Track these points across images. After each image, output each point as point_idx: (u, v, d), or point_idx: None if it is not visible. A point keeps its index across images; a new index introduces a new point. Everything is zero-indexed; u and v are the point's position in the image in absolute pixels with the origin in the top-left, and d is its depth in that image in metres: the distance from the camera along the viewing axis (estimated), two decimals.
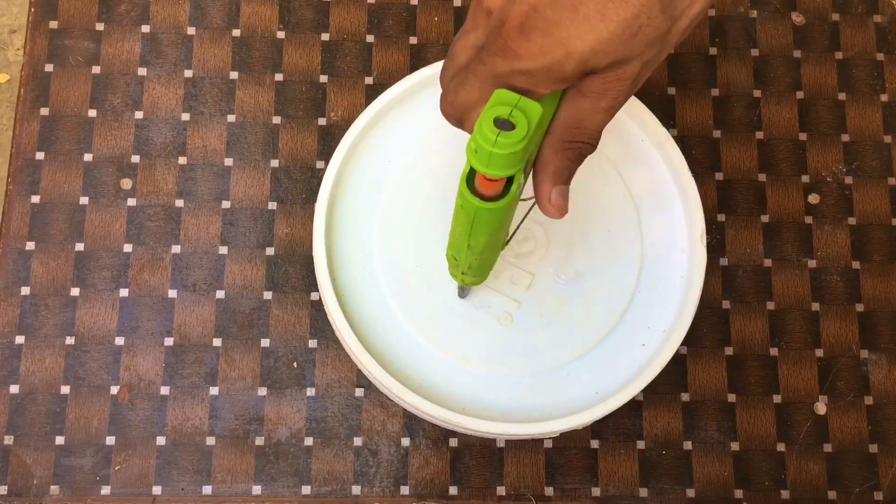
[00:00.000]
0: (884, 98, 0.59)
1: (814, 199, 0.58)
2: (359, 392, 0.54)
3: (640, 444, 0.54)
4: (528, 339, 0.51)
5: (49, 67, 0.57)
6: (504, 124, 0.33)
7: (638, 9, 0.32)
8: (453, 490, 0.53)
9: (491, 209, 0.37)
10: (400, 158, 0.53)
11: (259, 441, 0.53)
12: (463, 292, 0.51)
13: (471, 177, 0.37)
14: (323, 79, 0.58)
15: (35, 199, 0.55)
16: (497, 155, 0.34)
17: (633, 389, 0.49)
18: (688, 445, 0.54)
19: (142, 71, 0.57)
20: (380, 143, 0.53)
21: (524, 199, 0.40)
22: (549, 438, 0.54)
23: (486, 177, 0.35)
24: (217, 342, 0.54)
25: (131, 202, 0.56)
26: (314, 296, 0.55)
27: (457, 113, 0.37)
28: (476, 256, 0.43)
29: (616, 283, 0.52)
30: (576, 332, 0.51)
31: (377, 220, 0.52)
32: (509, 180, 0.36)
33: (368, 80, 0.58)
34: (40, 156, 0.56)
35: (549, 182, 0.38)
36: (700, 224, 0.52)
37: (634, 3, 0.32)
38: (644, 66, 0.35)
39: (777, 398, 0.55)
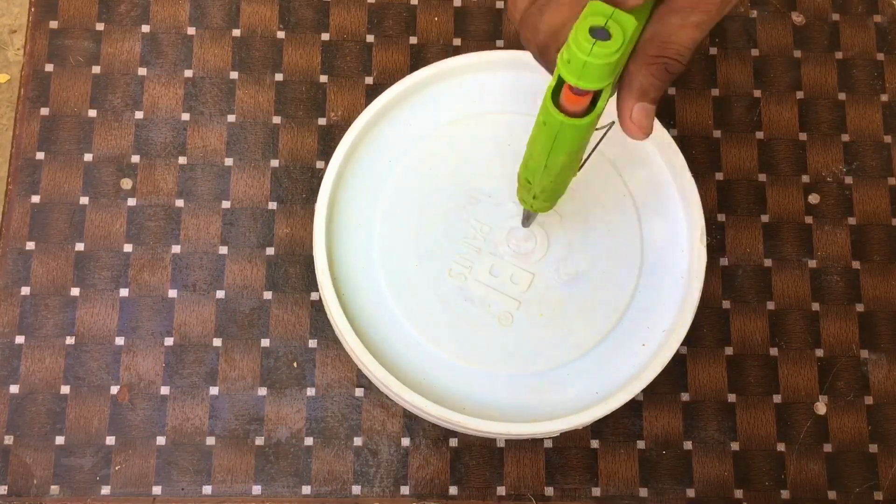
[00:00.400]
0: (884, 98, 0.59)
1: (814, 199, 0.58)
2: (359, 392, 0.54)
3: (640, 444, 0.54)
4: (528, 339, 0.51)
5: (49, 67, 0.57)
6: (600, 33, 0.33)
7: None
8: (453, 490, 0.53)
9: (576, 125, 0.36)
10: (400, 158, 0.53)
11: (259, 441, 0.53)
12: (527, 221, 0.50)
13: (556, 92, 0.36)
14: (323, 79, 0.58)
15: (35, 199, 0.55)
16: (591, 65, 0.33)
17: (633, 389, 0.49)
18: (688, 445, 0.54)
19: (142, 71, 0.57)
20: (380, 143, 0.53)
21: (598, 129, 0.39)
22: (549, 438, 0.54)
23: (574, 90, 0.35)
24: (217, 342, 0.54)
25: (131, 202, 0.56)
26: (314, 296, 0.55)
27: (543, 37, 0.36)
28: (552, 179, 0.42)
29: (616, 283, 0.52)
30: (576, 332, 0.51)
31: (377, 220, 0.52)
32: (594, 98, 0.36)
33: (368, 80, 0.58)
34: (40, 156, 0.56)
35: (633, 98, 0.37)
36: (700, 224, 0.52)
37: None
38: None
39: (777, 398, 0.55)
